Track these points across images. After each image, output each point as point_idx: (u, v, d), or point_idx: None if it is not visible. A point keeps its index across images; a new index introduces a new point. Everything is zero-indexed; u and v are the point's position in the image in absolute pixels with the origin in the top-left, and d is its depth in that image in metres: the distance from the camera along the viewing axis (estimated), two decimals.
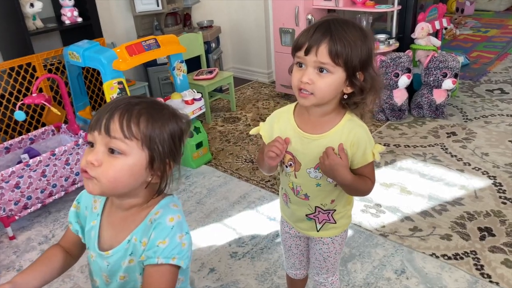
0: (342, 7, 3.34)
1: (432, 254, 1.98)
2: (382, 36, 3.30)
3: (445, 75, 3.16)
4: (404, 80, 3.16)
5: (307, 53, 1.03)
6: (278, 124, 1.21)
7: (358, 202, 2.36)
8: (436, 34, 3.67)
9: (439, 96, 3.23)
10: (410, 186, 2.49)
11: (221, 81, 3.49)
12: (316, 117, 1.13)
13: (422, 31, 3.30)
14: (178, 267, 0.89)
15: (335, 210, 1.27)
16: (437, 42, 3.46)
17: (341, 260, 1.98)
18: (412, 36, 3.37)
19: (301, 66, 1.06)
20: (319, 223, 1.29)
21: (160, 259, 0.85)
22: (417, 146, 2.93)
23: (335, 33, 1.01)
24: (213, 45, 3.87)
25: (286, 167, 1.22)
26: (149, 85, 3.53)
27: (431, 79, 3.19)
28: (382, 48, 3.25)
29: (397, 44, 3.35)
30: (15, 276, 0.91)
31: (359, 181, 1.14)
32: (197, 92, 2.84)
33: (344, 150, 1.11)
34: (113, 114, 0.82)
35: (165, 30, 3.64)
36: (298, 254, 1.46)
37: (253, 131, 1.30)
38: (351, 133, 1.12)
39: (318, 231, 1.31)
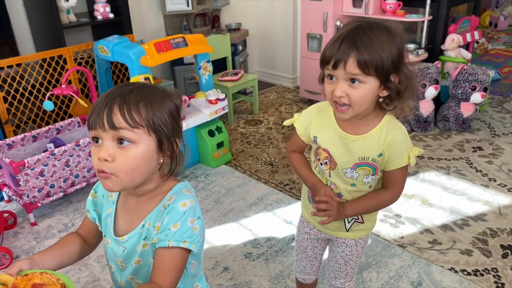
0: (372, 15, 3.32)
1: (451, 269, 1.92)
2: (411, 46, 3.26)
3: (474, 89, 3.09)
4: (431, 91, 3.10)
5: (335, 67, 1.02)
6: (317, 120, 1.20)
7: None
8: (467, 46, 3.60)
9: (466, 110, 3.16)
10: (432, 198, 2.44)
11: (245, 83, 3.50)
12: (355, 119, 1.12)
13: (452, 42, 3.24)
14: (189, 251, 0.89)
15: None
16: (468, 55, 3.39)
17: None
18: (442, 47, 3.31)
19: (332, 79, 1.05)
20: (349, 222, 1.28)
21: (171, 242, 0.86)
22: (441, 159, 2.87)
23: (361, 44, 0.99)
24: (240, 47, 3.90)
25: (321, 164, 1.21)
26: (175, 84, 3.58)
27: (459, 91, 3.13)
28: (411, 58, 3.20)
29: (426, 55, 3.30)
30: (33, 254, 0.94)
31: (369, 202, 1.19)
32: (221, 93, 2.86)
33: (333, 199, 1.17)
34: (111, 108, 0.82)
35: (194, 31, 3.68)
36: (312, 257, 1.44)
37: (287, 122, 1.29)
38: (389, 135, 1.11)
39: (347, 231, 1.29)
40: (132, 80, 2.46)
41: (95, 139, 0.85)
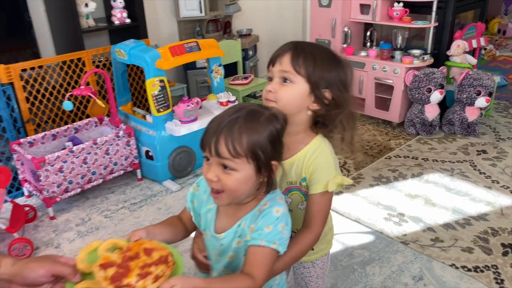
0: (379, 21, 3.41)
1: (452, 265, 2.00)
2: (417, 52, 3.34)
3: (478, 93, 3.16)
4: (436, 96, 3.18)
5: (273, 63, 1.09)
6: None
7: (381, 210, 2.41)
8: (473, 52, 3.67)
9: (471, 114, 3.23)
10: (435, 198, 2.51)
11: (255, 87, 3.61)
12: (286, 136, 1.05)
13: (458, 48, 3.31)
14: (277, 253, 0.98)
15: None
16: (473, 60, 3.46)
17: (360, 262, 2.02)
18: (448, 53, 3.39)
19: (271, 80, 1.11)
20: None
21: (263, 241, 0.96)
22: (446, 161, 2.94)
23: (301, 46, 1.07)
24: (251, 52, 4.01)
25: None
26: (188, 87, 3.69)
27: (464, 96, 3.20)
28: (416, 63, 3.28)
29: (432, 60, 3.38)
30: (148, 226, 1.05)
31: (294, 252, 1.08)
32: (232, 95, 2.96)
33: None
34: (219, 138, 0.92)
35: (206, 36, 3.80)
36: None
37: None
38: (311, 160, 1.11)
39: None
40: (147, 82, 2.57)
41: (206, 158, 0.97)
